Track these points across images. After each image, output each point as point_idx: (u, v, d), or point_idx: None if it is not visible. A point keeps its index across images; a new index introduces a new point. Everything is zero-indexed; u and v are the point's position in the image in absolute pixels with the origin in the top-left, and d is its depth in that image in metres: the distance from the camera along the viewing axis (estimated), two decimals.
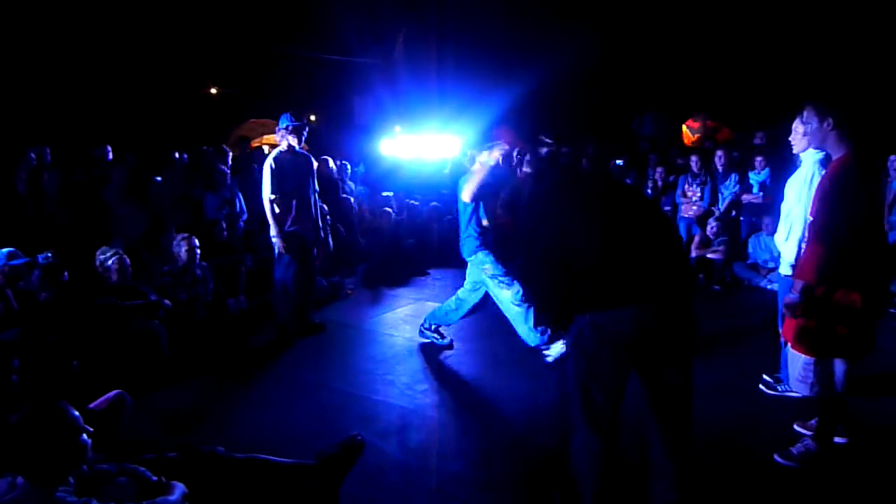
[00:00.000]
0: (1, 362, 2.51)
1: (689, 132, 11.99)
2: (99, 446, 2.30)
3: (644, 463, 2.49)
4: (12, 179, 5.52)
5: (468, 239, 4.72)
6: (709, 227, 7.54)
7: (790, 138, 3.65)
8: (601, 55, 12.64)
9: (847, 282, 2.93)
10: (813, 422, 3.42)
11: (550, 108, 12.79)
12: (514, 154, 10.88)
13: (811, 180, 3.46)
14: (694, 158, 8.27)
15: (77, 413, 2.08)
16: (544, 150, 2.72)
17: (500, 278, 4.57)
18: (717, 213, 7.78)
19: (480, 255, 4.65)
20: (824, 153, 3.42)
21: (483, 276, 4.66)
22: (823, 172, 3.41)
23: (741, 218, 7.89)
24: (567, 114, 12.93)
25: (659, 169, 8.78)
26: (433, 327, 5.06)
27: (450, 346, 5.01)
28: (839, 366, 3.07)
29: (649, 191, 8.70)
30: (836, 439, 3.26)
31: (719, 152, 8.31)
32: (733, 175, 7.98)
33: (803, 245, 3.46)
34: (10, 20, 9.96)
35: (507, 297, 4.55)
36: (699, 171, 8.12)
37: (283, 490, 2.52)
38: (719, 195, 8.03)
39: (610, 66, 12.98)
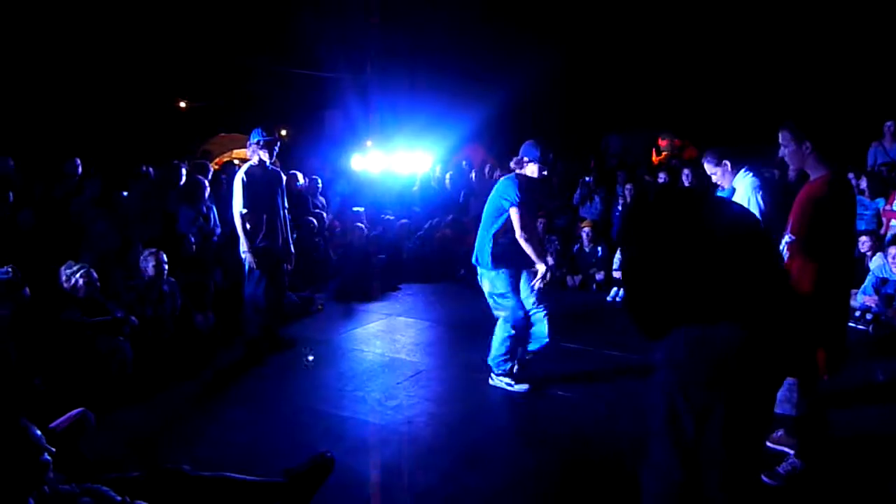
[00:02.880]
0: None
1: (656, 150, 12.25)
2: (61, 466, 2.24)
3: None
4: None
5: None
6: None
7: (714, 179, 3.76)
8: (570, 74, 12.87)
9: (832, 294, 3.02)
10: (777, 434, 3.50)
11: (519, 126, 12.97)
12: (486, 169, 11.01)
13: (748, 205, 3.54)
14: (662, 176, 8.45)
15: (39, 432, 2.03)
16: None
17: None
18: None
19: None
20: (758, 179, 3.53)
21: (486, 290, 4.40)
22: (761, 193, 3.51)
23: None
24: (536, 131, 13.10)
25: (628, 186, 8.95)
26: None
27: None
28: (822, 382, 3.12)
29: (619, 208, 8.85)
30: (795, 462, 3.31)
31: (686, 170, 8.50)
32: None
33: None
34: None
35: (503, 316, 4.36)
36: None
37: None
38: None
39: (578, 84, 13.22)
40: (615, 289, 7.31)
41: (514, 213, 4.20)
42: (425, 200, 10.09)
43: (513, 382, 4.43)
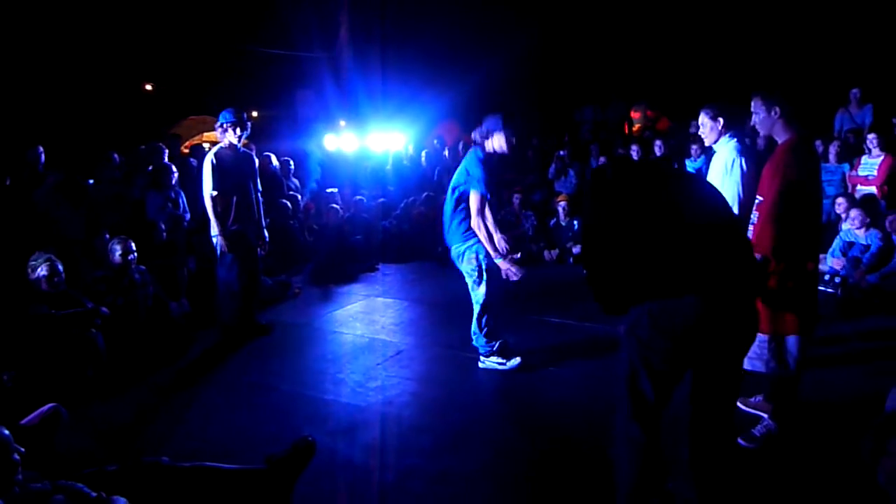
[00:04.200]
0: None
1: (629, 123, 12.28)
2: (33, 464, 2.19)
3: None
4: None
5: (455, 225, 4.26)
6: None
7: (700, 132, 3.79)
8: (542, 47, 12.79)
9: (798, 255, 3.11)
10: (754, 399, 3.57)
11: (493, 100, 12.89)
12: (459, 146, 10.98)
13: (731, 167, 3.57)
14: (634, 148, 8.49)
15: (6, 431, 1.98)
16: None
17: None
18: None
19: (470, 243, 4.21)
20: (741, 145, 3.56)
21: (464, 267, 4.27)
22: (743, 159, 3.54)
23: None
24: (509, 107, 13.04)
25: (602, 159, 8.98)
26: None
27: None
28: (793, 341, 3.18)
29: None
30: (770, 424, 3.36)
31: (658, 142, 8.57)
32: (673, 164, 8.22)
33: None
34: None
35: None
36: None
37: (233, 498, 2.46)
38: None
39: (551, 57, 13.14)
40: None
41: (473, 195, 4.09)
42: (399, 179, 10.02)
43: (504, 361, 4.38)
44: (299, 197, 8.37)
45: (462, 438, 3.50)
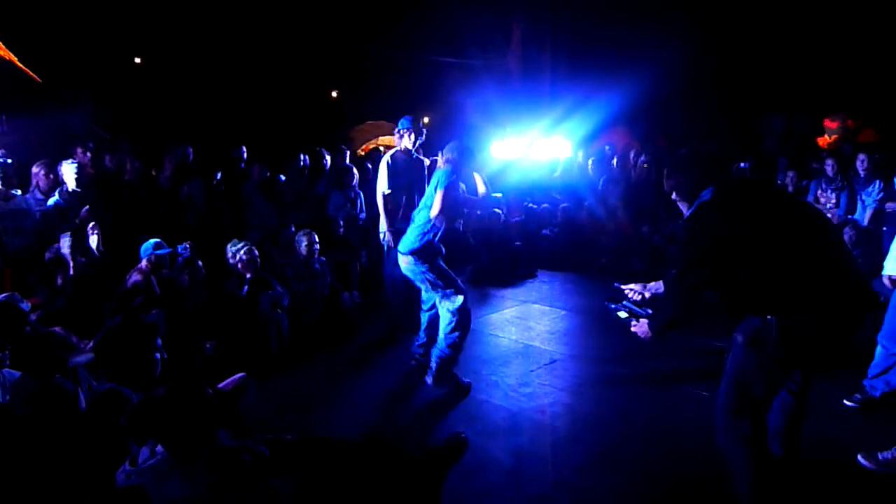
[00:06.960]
0: (146, 341, 2.78)
1: (825, 133, 11.02)
2: (224, 425, 2.48)
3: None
4: (158, 178, 6.09)
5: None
6: (845, 237, 6.91)
7: None
8: (723, 48, 11.92)
9: None
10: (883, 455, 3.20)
11: (666, 108, 12.29)
12: (631, 154, 10.58)
13: None
14: (829, 162, 7.63)
15: (210, 391, 2.27)
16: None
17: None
18: (856, 222, 7.14)
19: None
20: None
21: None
22: None
23: (884, 228, 7.16)
24: (684, 113, 12.34)
25: (791, 173, 8.17)
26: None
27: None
28: None
29: None
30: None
31: (861, 156, 7.60)
32: (877, 181, 7.26)
33: None
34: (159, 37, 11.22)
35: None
36: (835, 176, 7.51)
37: (389, 479, 2.61)
38: (859, 203, 7.36)
39: (733, 59, 12.18)
40: None
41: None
42: (566, 187, 9.91)
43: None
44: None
45: (612, 457, 3.39)
